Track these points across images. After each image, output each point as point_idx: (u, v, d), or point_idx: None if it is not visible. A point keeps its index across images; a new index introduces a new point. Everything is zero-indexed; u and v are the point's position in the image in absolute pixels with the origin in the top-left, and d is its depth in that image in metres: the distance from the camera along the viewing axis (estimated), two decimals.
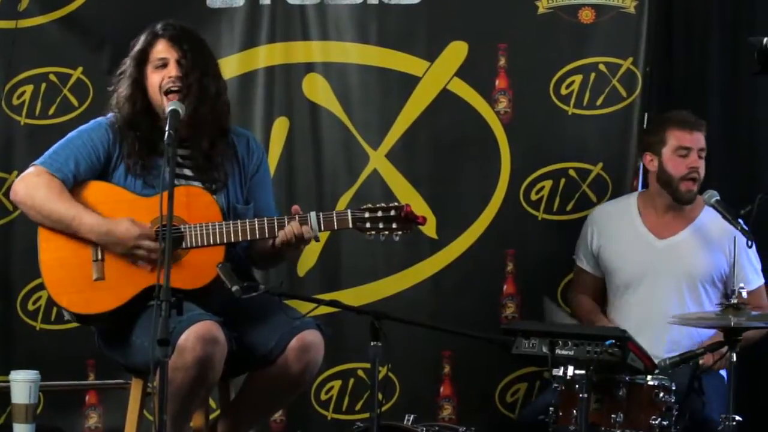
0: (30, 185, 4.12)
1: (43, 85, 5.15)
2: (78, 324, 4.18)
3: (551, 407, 4.05)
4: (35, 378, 4.76)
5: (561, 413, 4.04)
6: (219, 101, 4.21)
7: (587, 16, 5.25)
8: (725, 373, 4.37)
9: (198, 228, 4.04)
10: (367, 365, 3.73)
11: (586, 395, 3.94)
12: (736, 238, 4.44)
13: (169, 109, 3.92)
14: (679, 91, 5.43)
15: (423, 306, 5.23)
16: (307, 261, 5.22)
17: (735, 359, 4.04)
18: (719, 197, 4.77)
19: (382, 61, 5.24)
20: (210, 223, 4.05)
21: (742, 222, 4.69)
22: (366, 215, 4.07)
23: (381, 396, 3.75)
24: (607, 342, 3.94)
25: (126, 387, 4.43)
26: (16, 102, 5.14)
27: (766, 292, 4.95)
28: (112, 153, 4.18)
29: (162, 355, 3.50)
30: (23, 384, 4.74)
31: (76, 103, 5.16)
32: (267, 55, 5.23)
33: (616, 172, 5.29)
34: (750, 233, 4.62)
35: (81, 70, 5.16)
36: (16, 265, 5.13)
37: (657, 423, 4.03)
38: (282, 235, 4.05)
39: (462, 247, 5.26)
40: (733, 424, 4.01)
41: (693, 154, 4.88)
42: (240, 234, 4.05)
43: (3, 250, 5.14)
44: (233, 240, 4.06)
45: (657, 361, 4.13)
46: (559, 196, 5.29)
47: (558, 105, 5.26)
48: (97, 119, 4.26)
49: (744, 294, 4.11)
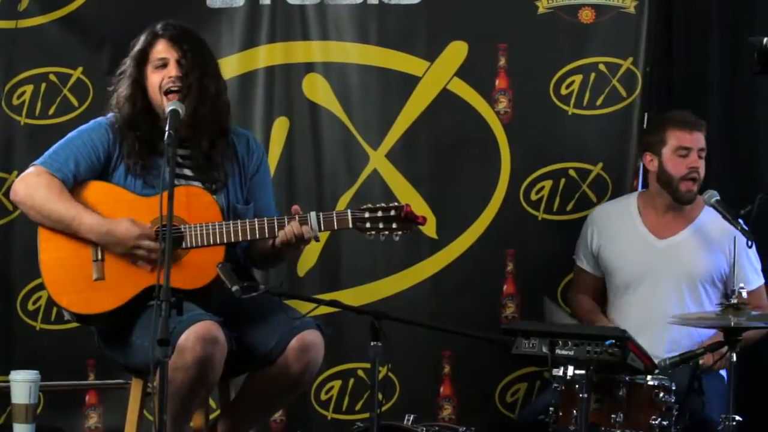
0: (30, 185, 4.12)
1: (43, 85, 5.14)
2: (78, 324, 4.19)
3: (551, 407, 4.05)
4: (35, 378, 4.76)
5: (561, 413, 4.04)
6: (219, 101, 4.21)
7: (587, 16, 5.25)
8: (725, 373, 4.37)
9: (198, 228, 4.04)
10: (367, 365, 3.73)
11: (586, 395, 3.94)
12: (736, 238, 4.44)
13: (169, 109, 3.92)
14: (679, 91, 5.42)
15: (423, 306, 5.23)
16: (307, 261, 5.22)
17: (735, 359, 4.04)
18: (719, 197, 4.77)
19: (382, 61, 5.24)
20: (210, 223, 4.05)
21: (742, 222, 4.68)
22: (366, 215, 4.07)
23: (381, 396, 3.74)
24: (607, 342, 3.94)
25: (126, 387, 4.42)
26: (16, 102, 5.14)
27: (766, 292, 4.95)
28: (112, 153, 4.18)
29: (162, 355, 3.50)
30: (23, 384, 4.73)
31: (76, 103, 5.16)
32: (267, 55, 5.23)
33: (616, 172, 5.28)
34: (750, 233, 4.62)
35: (81, 70, 5.16)
36: (16, 265, 5.13)
37: (657, 423, 4.03)
38: (282, 235, 4.04)
39: (462, 247, 5.26)
40: (733, 424, 4.01)
41: (693, 154, 4.88)
42: (240, 234, 4.05)
43: (3, 250, 5.13)
44: (233, 240, 4.05)
45: (657, 361, 4.13)
46: (559, 196, 5.28)
47: (558, 105, 5.26)
48: (97, 119, 4.26)
49: (744, 294, 4.11)
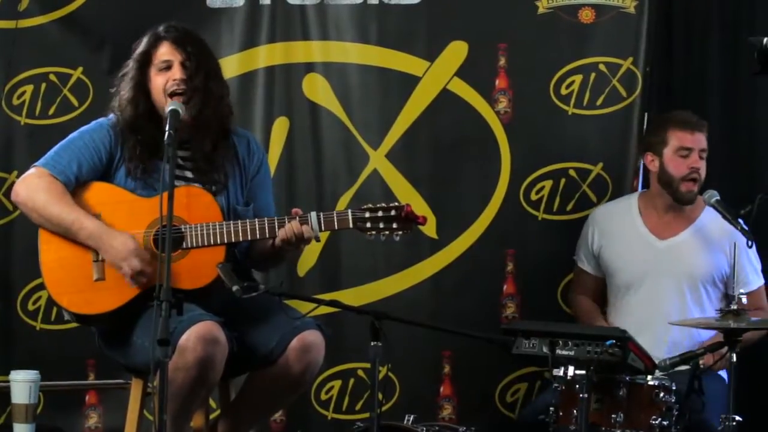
0: (31, 187, 4.11)
1: (43, 85, 5.14)
2: (78, 324, 4.18)
3: (551, 407, 4.05)
4: (35, 378, 4.75)
5: (561, 413, 4.04)
6: (222, 103, 4.21)
7: (587, 16, 5.25)
8: (725, 374, 4.37)
9: (198, 228, 4.04)
10: (367, 365, 3.73)
11: (586, 395, 3.94)
12: (736, 243, 4.43)
13: (169, 109, 3.92)
14: (679, 91, 5.42)
15: (423, 306, 5.22)
16: (307, 261, 5.22)
17: (735, 360, 4.04)
18: (719, 197, 4.77)
19: (382, 61, 5.24)
20: (210, 224, 4.04)
21: (742, 222, 4.68)
22: (366, 215, 4.06)
23: (381, 396, 3.74)
24: (608, 342, 3.94)
25: (126, 387, 4.43)
26: (16, 102, 5.14)
27: (766, 292, 4.95)
28: (114, 154, 4.17)
29: (162, 355, 3.50)
30: (23, 384, 4.73)
31: (76, 103, 5.16)
32: (267, 55, 5.23)
33: (616, 172, 5.28)
34: (750, 233, 4.62)
35: (81, 70, 5.15)
36: (16, 265, 5.13)
37: (657, 423, 4.02)
38: (282, 233, 4.04)
39: (462, 247, 5.25)
40: (733, 424, 4.01)
41: (694, 154, 4.87)
42: (240, 234, 4.04)
43: (3, 250, 5.13)
44: (233, 240, 4.05)
45: (657, 362, 4.13)
46: (559, 196, 5.28)
47: (558, 105, 5.26)
48: (99, 120, 4.26)
49: (744, 300, 4.11)
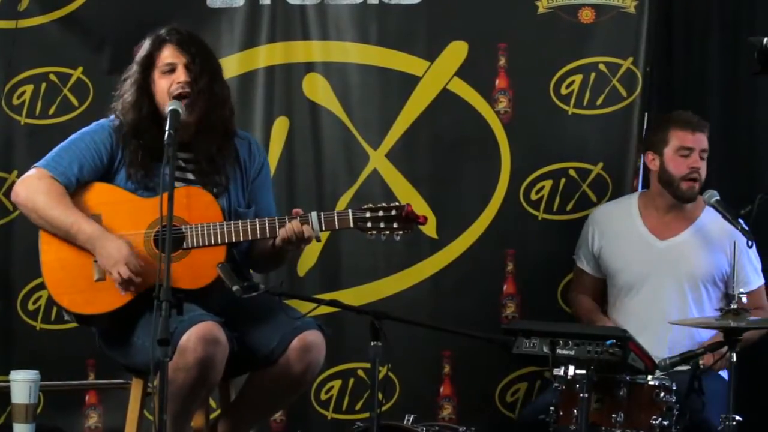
0: (31, 189, 4.10)
1: (43, 85, 5.14)
2: (78, 324, 4.18)
3: (552, 407, 4.05)
4: (35, 378, 4.75)
5: (561, 413, 4.04)
6: (225, 106, 4.21)
7: (587, 16, 5.25)
8: (726, 373, 4.37)
9: (199, 228, 4.03)
10: (367, 365, 3.73)
11: (586, 395, 3.94)
12: (736, 242, 4.43)
13: (169, 109, 3.92)
14: (679, 91, 5.42)
15: (423, 306, 5.22)
16: (307, 261, 5.22)
17: (735, 359, 4.04)
18: (719, 197, 4.77)
19: (382, 61, 5.24)
20: (211, 224, 4.04)
21: (742, 222, 4.68)
22: (367, 215, 4.06)
23: (381, 396, 3.74)
24: (608, 342, 3.94)
25: (126, 387, 4.42)
26: (16, 102, 5.14)
27: (766, 292, 4.95)
28: (115, 155, 4.16)
29: (162, 355, 3.50)
30: (23, 384, 4.73)
31: (76, 103, 5.15)
32: (267, 55, 5.23)
33: (616, 172, 5.28)
34: (750, 233, 4.62)
35: (81, 70, 5.15)
36: (16, 265, 5.13)
37: (657, 423, 4.02)
38: (283, 233, 4.03)
39: (462, 247, 5.25)
40: (733, 424, 4.01)
41: (695, 154, 4.87)
42: (241, 234, 4.04)
43: (3, 250, 5.13)
44: (234, 240, 4.05)
45: (657, 361, 4.13)
46: (559, 196, 5.28)
47: (558, 105, 5.26)
48: (100, 121, 4.25)
49: (744, 299, 4.11)
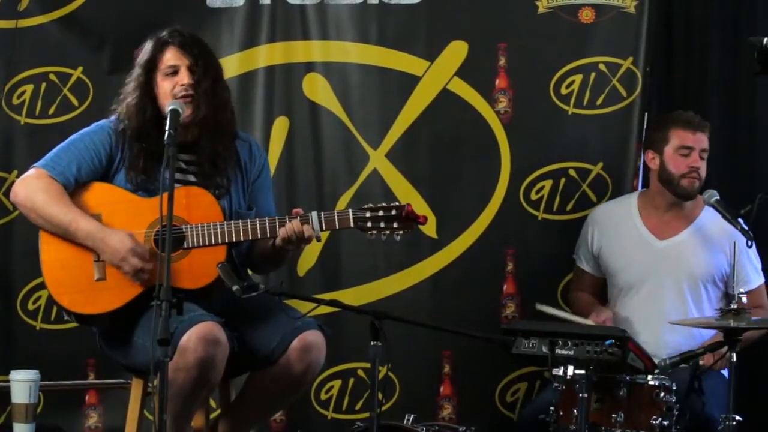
0: (30, 188, 4.10)
1: (43, 85, 5.14)
2: (78, 324, 4.18)
3: (552, 407, 4.05)
4: (35, 378, 4.75)
5: (561, 413, 4.04)
6: (227, 108, 4.21)
7: (587, 15, 5.25)
8: (726, 373, 4.37)
9: (199, 228, 4.03)
10: (367, 365, 3.73)
11: (586, 395, 3.95)
12: (736, 242, 4.43)
13: (169, 109, 3.92)
14: (679, 91, 5.42)
15: (423, 306, 5.22)
16: (307, 261, 5.22)
17: (735, 359, 4.04)
18: (719, 197, 4.77)
19: (382, 61, 5.24)
20: (211, 223, 4.04)
21: (742, 222, 4.69)
22: (367, 215, 4.07)
23: (381, 396, 3.74)
24: (607, 342, 3.94)
25: (126, 387, 4.43)
26: (16, 102, 5.14)
27: (766, 291, 4.95)
28: (114, 156, 4.16)
29: (162, 355, 3.50)
30: (23, 384, 4.73)
31: (76, 103, 5.15)
32: (267, 55, 5.23)
33: (616, 172, 5.27)
34: (750, 233, 4.63)
35: (81, 70, 5.15)
36: (16, 265, 5.13)
37: (657, 423, 4.03)
38: (283, 233, 4.03)
39: (462, 247, 5.25)
40: (733, 424, 4.01)
41: (695, 154, 4.87)
42: (241, 233, 4.04)
43: (3, 250, 5.13)
44: (234, 239, 4.05)
45: (657, 361, 4.13)
46: (559, 195, 5.28)
47: (558, 105, 5.25)
48: (99, 122, 4.25)
49: (744, 299, 4.11)
